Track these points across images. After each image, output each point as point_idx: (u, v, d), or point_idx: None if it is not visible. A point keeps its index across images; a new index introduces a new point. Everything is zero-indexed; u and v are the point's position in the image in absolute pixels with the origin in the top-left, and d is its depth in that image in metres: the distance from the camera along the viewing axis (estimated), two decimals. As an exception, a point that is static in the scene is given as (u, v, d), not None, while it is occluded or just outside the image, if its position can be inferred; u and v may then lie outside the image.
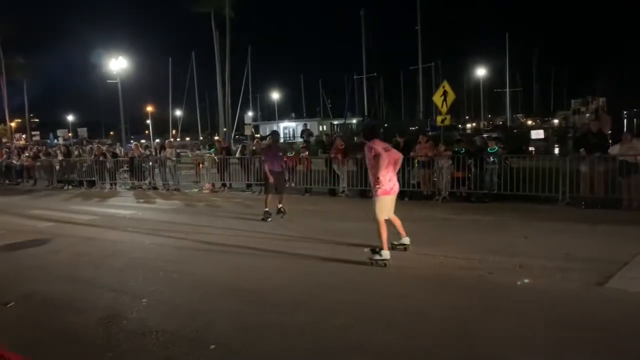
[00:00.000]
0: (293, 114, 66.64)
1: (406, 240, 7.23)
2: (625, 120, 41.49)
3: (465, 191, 12.35)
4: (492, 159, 12.09)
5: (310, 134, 34.35)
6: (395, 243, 7.19)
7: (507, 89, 58.09)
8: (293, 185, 14.89)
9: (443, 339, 4.23)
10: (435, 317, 4.72)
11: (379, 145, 6.61)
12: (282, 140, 44.69)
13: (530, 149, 22.66)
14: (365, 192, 13.70)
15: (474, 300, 5.13)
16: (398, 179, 7.29)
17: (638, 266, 6.11)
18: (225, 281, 6.25)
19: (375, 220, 6.71)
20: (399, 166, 7.03)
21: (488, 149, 12.50)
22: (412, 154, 13.02)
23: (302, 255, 7.30)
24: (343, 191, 13.99)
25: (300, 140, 37.49)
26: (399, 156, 7.02)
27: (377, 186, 6.60)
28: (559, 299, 5.14)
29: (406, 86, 60.85)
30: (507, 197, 11.58)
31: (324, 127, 52.85)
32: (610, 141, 12.74)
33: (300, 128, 54.05)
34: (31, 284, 6.41)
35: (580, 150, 11.18)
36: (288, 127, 58.39)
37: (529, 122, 58.80)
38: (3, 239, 9.32)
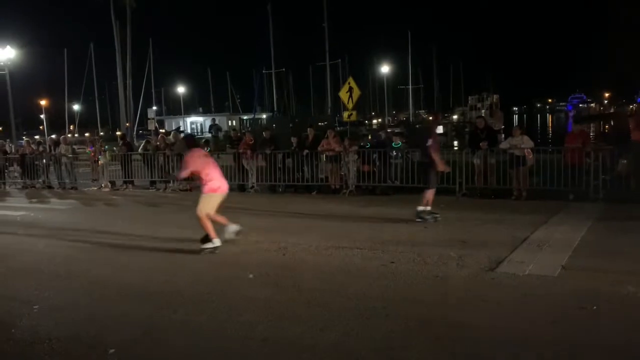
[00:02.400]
0: (200, 109, 65.05)
1: (235, 227, 7.53)
2: (516, 115, 44.90)
3: (371, 185, 12.74)
4: (395, 153, 12.58)
5: (219, 129, 33.77)
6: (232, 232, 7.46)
7: (410, 86, 60.65)
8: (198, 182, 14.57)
9: (349, 330, 4.33)
10: (340, 308, 4.83)
11: (198, 152, 7.43)
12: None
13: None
14: (275, 187, 13.76)
15: (377, 290, 5.32)
16: (306, 172, 7.40)
17: (525, 251, 6.64)
18: (124, 283, 5.98)
19: (198, 215, 7.06)
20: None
21: (392, 143, 12.99)
22: (319, 148, 13.22)
23: (206, 253, 7.14)
24: (252, 186, 13.91)
25: (209, 135, 36.72)
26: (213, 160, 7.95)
27: (205, 185, 7.26)
28: (455, 284, 5.47)
29: (315, 82, 61.56)
30: (410, 189, 12.07)
31: (233, 122, 52.13)
32: (503, 135, 13.71)
33: (208, 123, 52.93)
34: None
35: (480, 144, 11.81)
36: (195, 122, 57.00)
37: (430, 118, 61.83)
38: None
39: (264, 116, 51.21)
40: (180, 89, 66.01)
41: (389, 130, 19.49)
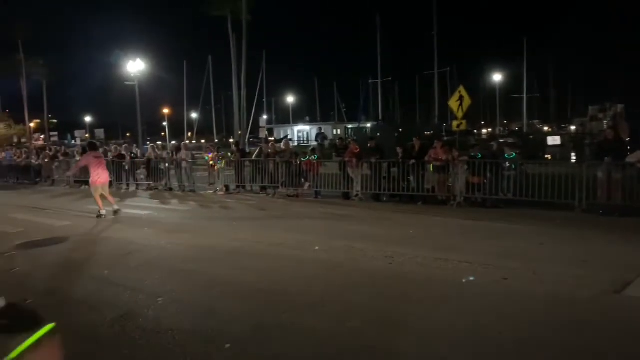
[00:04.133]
0: (307, 118, 66.72)
1: (115, 207, 11.79)
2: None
3: (481, 197, 12.28)
4: (508, 164, 12.02)
5: (325, 138, 34.43)
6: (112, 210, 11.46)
7: (524, 95, 57.60)
8: (305, 189, 14.97)
9: (457, 345, 4.22)
10: (449, 323, 4.71)
11: (91, 155, 11.96)
12: (295, 144, 44.96)
13: (547, 155, 22.47)
14: (379, 196, 13.73)
15: (490, 308, 5.11)
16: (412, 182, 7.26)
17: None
18: (240, 281, 6.29)
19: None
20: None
21: (505, 154, 12.44)
22: (426, 158, 13.01)
23: (318, 258, 7.32)
24: (357, 195, 14.00)
25: (315, 143, 37.62)
26: (104, 160, 12.55)
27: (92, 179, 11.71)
28: (574, 305, 5.10)
29: (422, 91, 60.58)
30: (523, 203, 11.50)
31: (338, 130, 52.87)
32: (629, 148, 12.59)
33: (314, 131, 54.20)
34: (50, 282, 6.51)
35: (605, 158, 10.97)
36: (302, 131, 58.58)
37: (545, 128, 58.21)
38: (23, 237, 9.48)
39: (369, 125, 51.43)
40: (289, 99, 68.24)
41: (500, 141, 18.65)
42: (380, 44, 46.39)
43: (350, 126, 55.62)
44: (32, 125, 56.57)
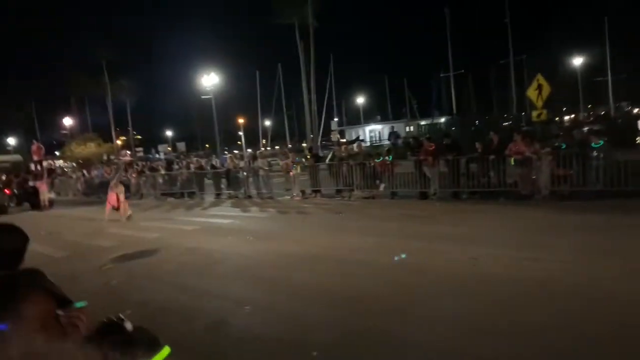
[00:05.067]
0: (379, 117, 66.27)
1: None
2: None
3: (568, 189, 11.63)
4: (596, 153, 11.30)
5: (398, 136, 34.05)
6: None
7: (609, 77, 53.96)
8: (381, 190, 14.87)
9: (550, 347, 4.02)
10: (541, 325, 4.49)
11: None
12: (368, 144, 44.79)
13: (638, 140, 20.90)
14: (458, 194, 13.37)
15: (587, 313, 4.81)
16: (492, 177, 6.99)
17: None
18: (323, 288, 6.34)
19: None
20: None
21: (592, 143, 11.70)
22: (507, 152, 12.51)
23: (399, 261, 7.24)
24: (434, 193, 13.71)
25: (388, 142, 37.31)
26: None
27: None
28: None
29: (497, 81, 58.29)
30: (615, 193, 10.76)
31: (411, 128, 52.13)
32: None
33: (386, 130, 53.80)
34: (144, 293, 6.90)
35: None
36: (374, 130, 58.29)
37: (635, 111, 54.13)
38: (118, 250, 10.12)
39: (443, 120, 50.28)
40: (359, 99, 68.10)
41: (585, 129, 17.58)
42: (450, 36, 45.32)
43: (423, 123, 54.65)
44: (119, 142, 60.30)
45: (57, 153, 59.98)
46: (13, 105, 62.75)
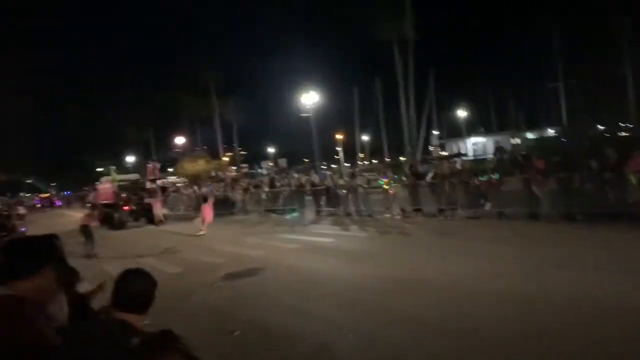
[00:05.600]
0: (482, 129, 63.90)
1: None
2: None
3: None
4: None
5: (504, 151, 32.56)
6: None
7: None
8: (486, 209, 14.26)
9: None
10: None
11: None
12: (470, 157, 43.27)
13: None
14: (571, 215, 12.44)
15: None
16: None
17: None
18: (426, 317, 6.16)
19: None
20: None
21: None
22: (627, 169, 11.47)
23: (510, 289, 6.88)
24: (545, 214, 12.89)
25: (492, 156, 35.82)
26: None
27: None
28: None
29: (611, 90, 53.87)
30: None
31: (518, 140, 49.62)
32: None
33: (490, 143, 51.73)
34: (250, 313, 7.15)
35: None
36: (477, 143, 56.25)
37: None
38: (226, 267, 10.61)
39: (552, 132, 47.38)
40: (461, 112, 66.17)
41: None
42: (559, 42, 42.73)
43: (530, 135, 51.84)
44: (225, 159, 63.50)
45: (170, 170, 64.56)
46: (132, 125, 68.70)
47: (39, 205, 62.23)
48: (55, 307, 2.45)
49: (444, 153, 50.15)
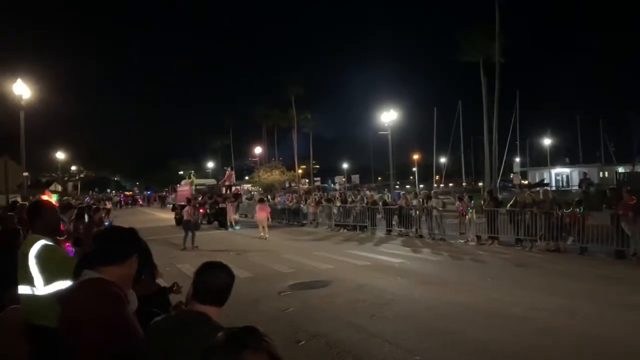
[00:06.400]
0: (567, 159, 60.71)
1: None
2: None
3: None
4: None
5: (591, 184, 30.71)
6: None
7: None
8: (568, 243, 13.48)
9: None
10: None
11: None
12: (553, 188, 41.20)
13: None
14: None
15: None
16: None
17: None
18: (498, 349, 5.90)
19: None
20: None
21: None
22: None
23: (590, 331, 6.44)
24: (634, 254, 12.00)
25: (576, 188, 33.90)
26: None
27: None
28: None
29: None
30: None
31: (606, 173, 46.70)
32: None
33: (575, 174, 49.01)
34: (316, 325, 7.16)
35: None
36: (561, 174, 53.49)
37: None
38: (294, 277, 10.72)
39: (646, 167, 44.21)
40: (546, 140, 63.34)
41: None
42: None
43: (621, 169, 48.61)
44: (299, 171, 64.55)
45: (247, 178, 66.49)
46: (215, 133, 71.60)
47: (122, 202, 66.12)
48: (131, 294, 2.59)
49: (525, 182, 48.03)
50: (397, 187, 53.59)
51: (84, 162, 74.48)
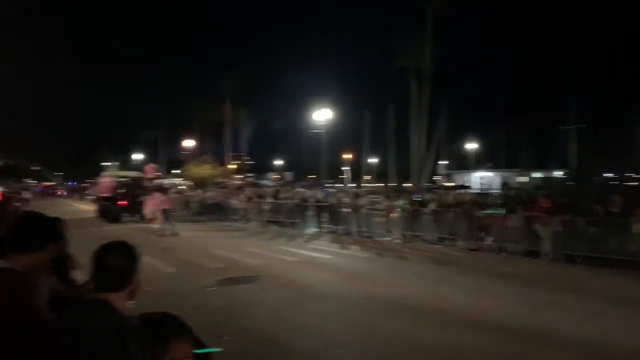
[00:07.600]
0: (490, 164, 63.85)
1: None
2: None
3: None
4: None
5: (510, 188, 32.50)
6: None
7: None
8: (487, 243, 14.22)
9: None
10: None
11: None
12: (477, 191, 43.16)
13: None
14: (572, 257, 12.35)
15: None
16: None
17: None
18: (420, 341, 6.15)
19: None
20: None
21: None
22: (633, 218, 11.44)
23: (502, 325, 6.85)
24: (546, 255, 12.82)
25: (498, 191, 35.70)
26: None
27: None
28: None
29: (623, 137, 53.63)
30: None
31: (527, 178, 49.57)
32: None
33: (497, 179, 51.67)
34: (243, 320, 7.14)
35: None
36: (484, 177, 56.17)
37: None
38: (223, 272, 10.60)
39: (562, 174, 47.36)
40: (470, 145, 66.32)
41: None
42: (572, 88, 43.02)
43: (537, 175, 51.75)
44: (232, 166, 63.66)
45: (175, 171, 64.75)
46: (144, 125, 69.25)
47: (40, 192, 62.32)
48: (44, 285, 2.42)
49: (450, 184, 50.02)
50: (329, 185, 54.13)
51: (5, 151, 69.79)
